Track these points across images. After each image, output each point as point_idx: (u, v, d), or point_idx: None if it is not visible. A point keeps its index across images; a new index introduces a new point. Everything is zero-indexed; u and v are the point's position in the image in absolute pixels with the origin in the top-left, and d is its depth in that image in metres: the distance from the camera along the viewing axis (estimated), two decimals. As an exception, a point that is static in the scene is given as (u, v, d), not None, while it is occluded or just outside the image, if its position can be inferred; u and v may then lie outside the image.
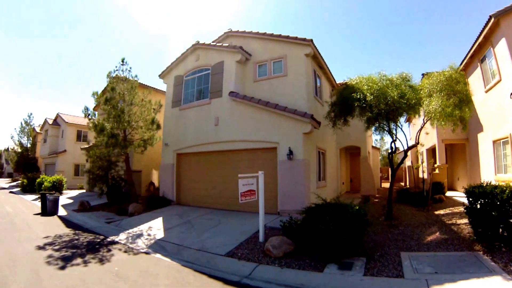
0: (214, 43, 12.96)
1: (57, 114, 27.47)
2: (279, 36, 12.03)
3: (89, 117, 12.24)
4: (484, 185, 6.31)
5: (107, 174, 13.39)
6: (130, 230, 9.21)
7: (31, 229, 9.30)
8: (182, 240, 7.93)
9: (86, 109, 12.10)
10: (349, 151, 16.34)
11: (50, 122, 27.37)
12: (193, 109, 13.02)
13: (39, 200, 14.08)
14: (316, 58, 12.38)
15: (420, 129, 10.63)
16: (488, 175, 11.88)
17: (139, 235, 8.67)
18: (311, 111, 10.86)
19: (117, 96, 11.74)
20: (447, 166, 12.73)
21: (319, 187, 11.61)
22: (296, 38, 11.70)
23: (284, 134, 10.56)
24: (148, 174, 16.86)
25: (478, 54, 12.29)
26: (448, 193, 14.41)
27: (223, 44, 12.55)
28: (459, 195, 13.46)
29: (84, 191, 19.36)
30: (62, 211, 12.53)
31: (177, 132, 13.27)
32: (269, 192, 10.45)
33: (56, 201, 12.06)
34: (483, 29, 10.98)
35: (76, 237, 8.42)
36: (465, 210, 6.48)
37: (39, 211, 12.51)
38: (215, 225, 9.29)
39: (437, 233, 7.44)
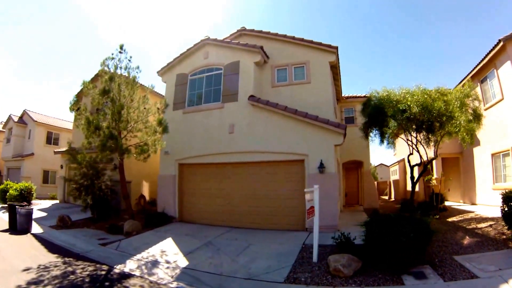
0: (229, 40, 11.04)
1: (24, 111, 22.07)
2: (302, 40, 10.69)
3: (78, 110, 9.42)
4: None
5: (93, 184, 10.59)
6: (139, 256, 6.95)
7: (1, 255, 6.57)
8: (217, 268, 6.11)
9: (76, 101, 9.32)
10: (345, 165, 15.50)
11: (15, 119, 22.06)
12: (200, 114, 10.88)
13: (4, 211, 10.76)
14: (334, 68, 11.11)
15: (438, 143, 10.04)
16: (484, 185, 12.19)
17: (155, 263, 6.52)
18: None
19: (115, 89, 9.17)
20: (444, 178, 12.36)
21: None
22: (320, 43, 10.47)
23: (314, 146, 9.08)
24: (138, 186, 14.05)
25: (479, 75, 12.25)
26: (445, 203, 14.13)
27: (240, 42, 10.68)
28: (456, 204, 13.51)
29: (57, 201, 15.63)
30: (36, 228, 9.51)
31: (180, 139, 10.93)
32: (294, 208, 9.14)
33: (29, 215, 9.07)
34: (490, 51, 11.00)
35: (70, 269, 5.94)
36: (502, 214, 6.63)
37: (6, 226, 9.42)
38: (246, 247, 7.45)
39: (467, 237, 7.23)
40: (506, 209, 6.40)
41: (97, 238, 8.48)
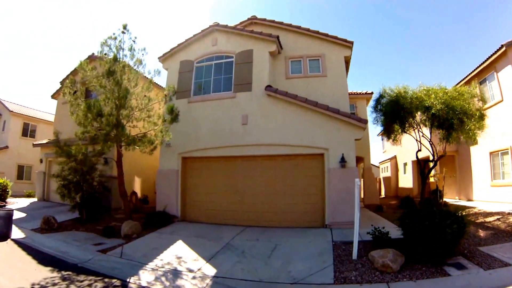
0: (241, 28, 9.91)
1: (-3, 99, 19.35)
2: (317, 32, 9.98)
3: (75, 94, 7.74)
4: None
5: (85, 180, 8.93)
6: (151, 264, 5.66)
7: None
8: (252, 274, 5.14)
9: (73, 82, 7.65)
10: (341, 162, 14.99)
11: (-12, 109, 19.11)
12: (208, 103, 9.63)
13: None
14: (346, 63, 10.43)
15: (453, 140, 9.61)
16: (482, 181, 12.23)
17: (176, 273, 5.32)
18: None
19: (120, 71, 7.66)
20: (442, 175, 12.23)
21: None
22: (336, 37, 9.84)
23: (335, 140, 8.32)
24: (129, 182, 12.28)
25: (479, 76, 12.22)
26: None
27: (254, 30, 9.60)
28: (452, 201, 13.38)
29: (35, 200, 13.31)
30: (16, 232, 7.70)
31: (184, 130, 9.50)
32: (312, 204, 8.38)
33: (9, 217, 7.28)
34: (492, 55, 11.01)
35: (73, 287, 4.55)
36: None
37: (-22, 232, 7.54)
38: (272, 248, 6.45)
39: (481, 230, 7.07)
40: None
41: (92, 243, 6.97)
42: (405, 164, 18.90)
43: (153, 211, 9.46)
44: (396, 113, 8.81)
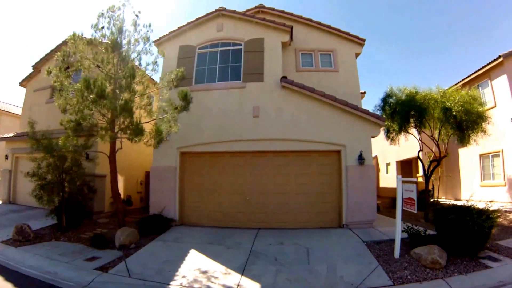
0: (251, 15, 9.31)
1: None
2: (329, 27, 9.78)
3: (67, 70, 6.48)
4: None
5: (71, 180, 7.63)
6: (175, 284, 4.66)
7: None
8: (303, 284, 4.62)
9: (66, 54, 6.35)
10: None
11: None
12: (213, 93, 8.82)
13: None
14: (355, 60, 10.30)
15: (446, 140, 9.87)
16: (471, 182, 12.79)
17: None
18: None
19: (127, 44, 6.64)
20: (438, 175, 12.60)
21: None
22: (348, 33, 9.73)
23: (352, 136, 8.02)
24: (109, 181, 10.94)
25: (472, 82, 12.72)
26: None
27: (265, 18, 9.06)
28: (441, 201, 13.52)
29: None
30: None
31: (184, 121, 8.48)
32: (328, 203, 8.04)
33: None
34: (488, 64, 11.61)
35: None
36: None
37: None
38: (306, 252, 5.89)
39: None
40: None
41: (83, 257, 5.74)
42: (387, 164, 19.49)
43: (141, 213, 8.38)
44: (409, 113, 8.75)
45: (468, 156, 12.99)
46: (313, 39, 9.73)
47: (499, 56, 10.89)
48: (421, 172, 14.46)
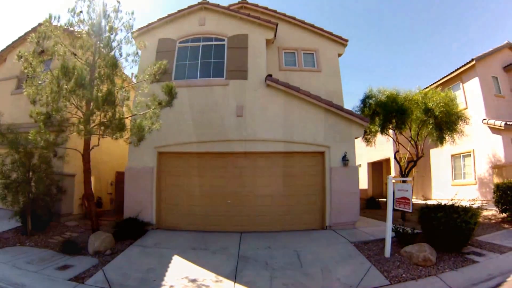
0: (236, 10, 9.00)
1: None
2: (313, 26, 9.75)
3: (41, 54, 5.80)
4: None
5: (40, 179, 6.88)
6: None
7: None
8: None
9: (41, 36, 5.59)
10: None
11: None
12: (194, 89, 8.40)
13: None
14: (336, 60, 10.34)
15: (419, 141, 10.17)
16: (442, 181, 13.27)
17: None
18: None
19: (109, 30, 6.08)
20: (413, 175, 13.08)
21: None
22: (331, 33, 9.75)
23: (336, 137, 8.02)
24: (78, 181, 10.13)
25: (445, 84, 13.24)
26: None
27: (250, 14, 8.79)
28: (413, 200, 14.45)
29: None
30: None
31: (161, 120, 8.05)
32: (311, 205, 7.99)
33: None
34: (461, 67, 12.20)
35: None
36: (494, 201, 7.96)
37: None
38: (295, 256, 5.73)
39: None
40: (497, 197, 7.73)
41: (54, 266, 5.14)
42: (358, 166, 20.07)
43: (112, 216, 7.82)
44: (391, 114, 8.90)
45: (439, 157, 13.56)
46: (296, 38, 9.64)
47: (472, 60, 11.44)
48: (393, 173, 14.98)
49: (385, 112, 8.89)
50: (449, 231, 5.24)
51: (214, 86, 8.34)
